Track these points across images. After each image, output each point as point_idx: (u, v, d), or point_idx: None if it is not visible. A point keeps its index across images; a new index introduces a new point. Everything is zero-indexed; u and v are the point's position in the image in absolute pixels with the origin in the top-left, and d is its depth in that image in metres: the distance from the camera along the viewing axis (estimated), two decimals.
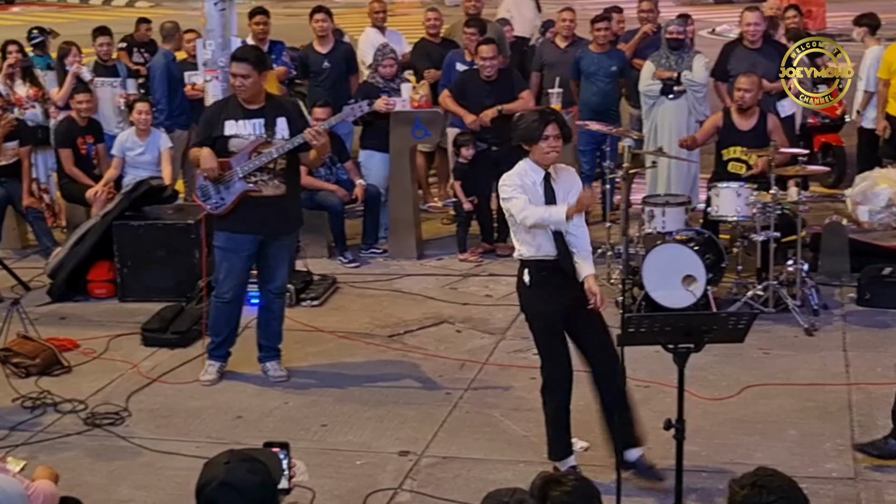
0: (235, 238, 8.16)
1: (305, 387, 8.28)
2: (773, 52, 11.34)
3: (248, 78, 7.97)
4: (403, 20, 22.73)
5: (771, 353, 8.67)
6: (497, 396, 8.03)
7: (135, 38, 13.72)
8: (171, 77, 12.19)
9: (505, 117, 10.78)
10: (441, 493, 6.72)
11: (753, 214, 9.41)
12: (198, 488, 3.60)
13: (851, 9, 16.23)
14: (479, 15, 12.80)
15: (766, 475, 3.37)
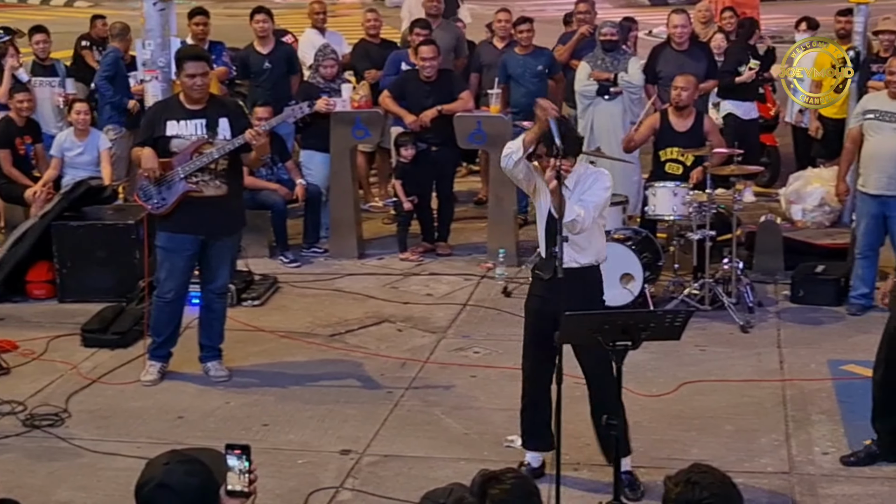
0: (177, 238, 8.11)
1: (247, 386, 8.24)
2: (700, 53, 11.47)
3: (206, 76, 7.97)
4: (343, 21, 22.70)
5: (707, 350, 8.75)
6: (438, 395, 8.04)
7: (92, 36, 13.64)
8: (119, 75, 12.13)
9: (445, 118, 10.83)
10: (382, 492, 6.72)
11: (689, 213, 9.49)
12: (136, 488, 3.57)
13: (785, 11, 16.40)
14: (440, 15, 12.81)
15: (700, 472, 3.40)
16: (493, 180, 11.12)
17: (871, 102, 9.33)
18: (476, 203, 12.68)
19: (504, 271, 10.34)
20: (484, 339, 9.07)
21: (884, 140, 9.02)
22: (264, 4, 12.76)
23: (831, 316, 9.39)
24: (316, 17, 13.00)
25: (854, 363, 8.32)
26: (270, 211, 10.94)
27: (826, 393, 7.96)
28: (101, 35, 13.68)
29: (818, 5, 26.48)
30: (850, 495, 6.60)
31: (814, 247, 10.60)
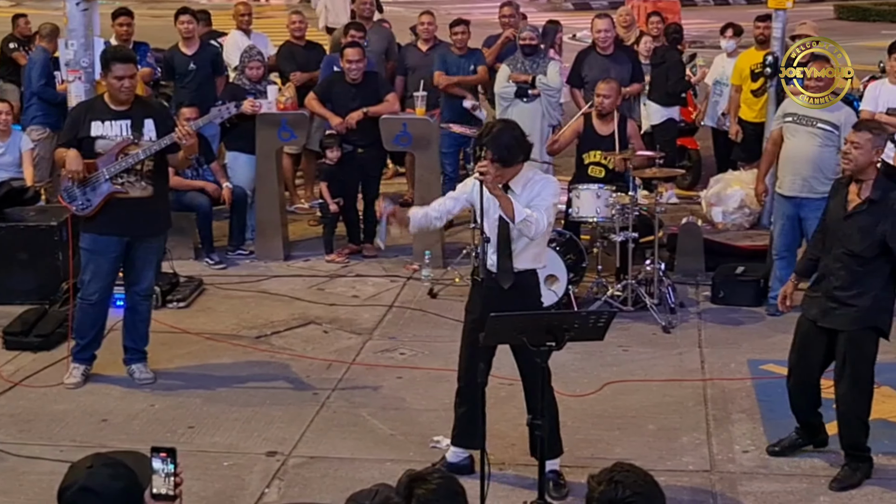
0: (102, 240, 8.02)
1: (172, 389, 8.17)
2: (624, 57, 11.58)
3: (133, 78, 7.89)
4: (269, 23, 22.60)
5: (630, 351, 8.83)
6: (364, 396, 8.03)
7: (17, 36, 13.45)
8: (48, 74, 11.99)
9: (371, 120, 10.83)
10: (308, 493, 6.69)
11: (612, 216, 9.58)
12: (59, 492, 3.52)
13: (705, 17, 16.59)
14: (371, 17, 12.83)
15: (622, 470, 3.43)
16: (419, 182, 11.13)
17: (791, 106, 9.46)
18: (402, 205, 12.67)
19: (430, 273, 10.36)
20: (410, 341, 9.08)
21: (800, 143, 9.16)
22: (189, 5, 12.67)
23: (751, 316, 9.51)
24: (241, 18, 12.95)
25: (773, 363, 8.41)
26: (196, 213, 10.85)
27: (746, 392, 8.07)
28: (24, 34, 13.49)
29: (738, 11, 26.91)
30: (769, 492, 6.70)
31: (734, 248, 10.75)
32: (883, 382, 8.07)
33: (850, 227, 6.64)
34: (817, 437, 7.07)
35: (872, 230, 6.58)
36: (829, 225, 6.82)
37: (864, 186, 6.66)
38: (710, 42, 16.65)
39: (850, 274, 6.65)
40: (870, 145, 6.61)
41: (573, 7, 32.18)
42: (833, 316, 6.72)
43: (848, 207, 6.69)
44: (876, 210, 6.59)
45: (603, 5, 30.63)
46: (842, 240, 6.67)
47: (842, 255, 6.66)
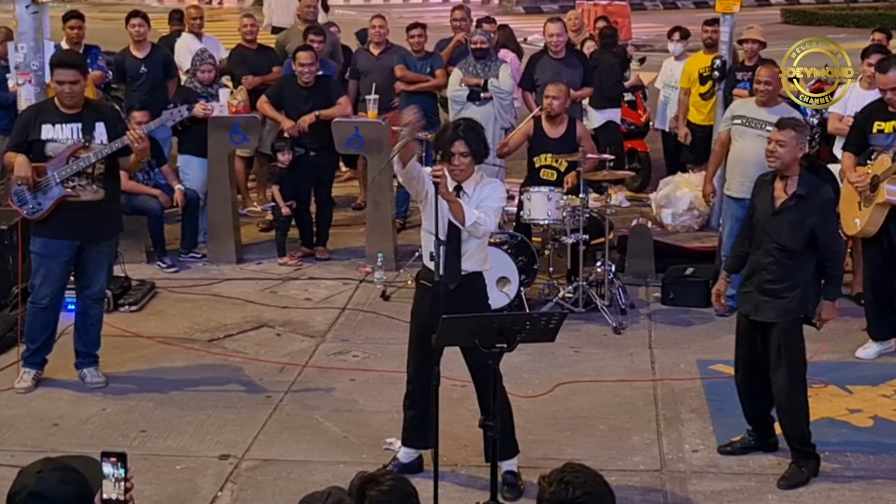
0: (53, 243, 7.95)
1: (124, 393, 8.11)
2: (575, 61, 11.63)
3: (76, 84, 7.81)
4: (222, 26, 22.50)
5: (581, 352, 8.86)
6: (317, 398, 8.01)
7: None
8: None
9: (323, 123, 10.81)
10: (261, 496, 6.67)
11: (563, 218, 9.61)
12: (7, 497, 3.48)
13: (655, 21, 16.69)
14: (316, 20, 12.81)
15: (573, 471, 3.44)
16: (371, 186, 11.12)
17: (739, 108, 9.53)
18: (354, 208, 12.67)
19: (382, 275, 10.35)
20: (363, 343, 9.07)
21: (748, 145, 9.21)
22: (140, 9, 12.60)
23: (700, 317, 9.57)
24: (192, 21, 12.91)
25: (722, 363, 8.48)
26: (147, 216, 10.79)
27: (695, 392, 8.12)
28: None
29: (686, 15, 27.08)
30: (718, 491, 6.74)
31: (683, 250, 10.82)
32: (830, 381, 8.19)
33: (780, 222, 6.79)
34: (768, 441, 7.12)
35: (802, 224, 6.74)
36: (758, 221, 6.94)
37: (789, 182, 6.82)
38: (659, 46, 16.75)
39: (781, 267, 6.79)
40: (794, 142, 6.76)
41: (524, 11, 32.28)
42: (766, 309, 6.84)
43: (776, 204, 6.83)
44: (804, 204, 6.76)
45: (554, 9, 30.74)
46: (771, 235, 6.81)
47: (773, 249, 6.81)
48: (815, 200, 6.79)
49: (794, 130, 6.80)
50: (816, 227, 6.74)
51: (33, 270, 8.09)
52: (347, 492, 3.16)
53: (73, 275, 8.20)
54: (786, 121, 7.03)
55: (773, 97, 9.30)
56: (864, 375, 8.36)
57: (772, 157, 6.82)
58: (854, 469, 6.99)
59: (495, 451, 6.10)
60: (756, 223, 6.97)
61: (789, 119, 7.19)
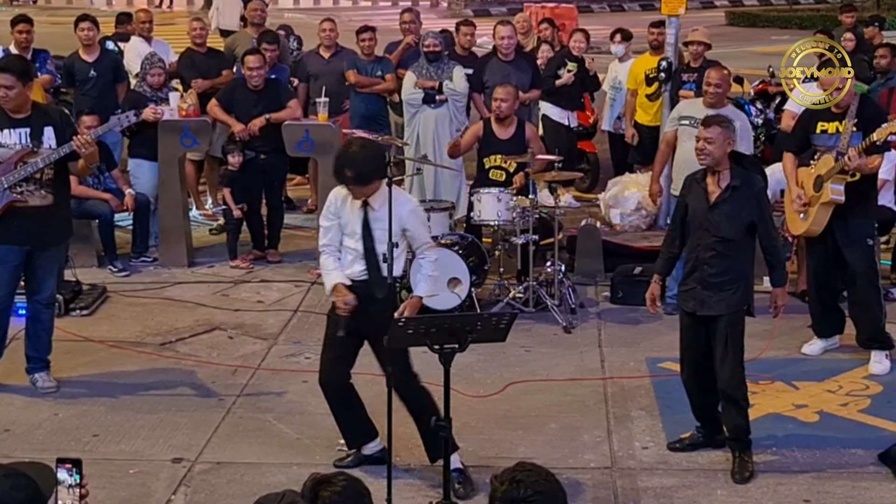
0: (1, 249, 7.85)
1: (76, 397, 8.04)
2: (524, 64, 11.66)
3: (11, 89, 7.69)
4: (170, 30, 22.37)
5: (532, 351, 8.88)
6: (270, 401, 7.98)
7: None
8: None
9: (273, 126, 10.77)
10: (215, 499, 6.65)
11: (513, 219, 9.64)
12: None
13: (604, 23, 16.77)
14: (264, 23, 12.78)
15: (524, 470, 3.45)
16: (322, 188, 11.07)
17: (686, 109, 9.60)
18: (306, 211, 12.64)
19: None
20: (315, 345, 8.99)
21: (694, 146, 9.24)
22: (90, 13, 12.50)
23: (649, 316, 9.50)
24: (142, 25, 12.85)
25: (671, 360, 8.50)
26: (98, 220, 10.71)
27: (645, 389, 8.17)
28: None
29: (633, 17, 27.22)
30: (668, 486, 6.79)
31: (631, 249, 10.86)
32: (776, 378, 8.27)
33: (718, 215, 6.87)
34: (717, 437, 7.17)
35: (739, 214, 6.86)
36: (694, 218, 7.01)
37: (721, 177, 6.93)
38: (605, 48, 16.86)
39: (723, 259, 6.89)
40: (722, 138, 6.87)
41: (472, 14, 32.32)
42: (711, 304, 6.91)
43: (710, 199, 6.92)
44: (739, 196, 6.88)
45: (502, 12, 30.82)
46: (710, 229, 6.90)
47: (713, 243, 6.90)
48: (749, 191, 6.91)
49: (720, 127, 6.91)
50: (755, 216, 6.87)
51: None
52: (301, 493, 3.16)
53: (23, 280, 8.13)
54: (711, 118, 7.11)
55: (720, 99, 9.38)
56: (809, 371, 8.44)
57: (702, 154, 6.93)
58: (801, 464, 7.05)
59: (447, 451, 6.10)
60: (691, 220, 7.04)
61: (713, 116, 7.27)
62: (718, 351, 6.90)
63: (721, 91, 9.35)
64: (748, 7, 35.43)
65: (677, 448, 7.21)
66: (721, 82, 9.33)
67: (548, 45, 13.13)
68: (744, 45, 25.14)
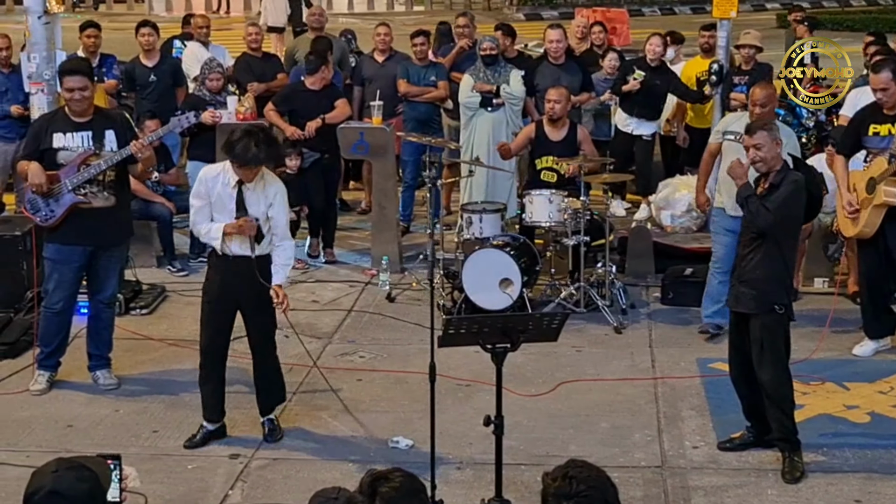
0: (65, 249, 7.97)
1: (136, 394, 8.13)
2: (574, 67, 11.63)
3: (84, 90, 7.82)
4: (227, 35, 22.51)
5: (583, 351, 8.86)
6: (325, 398, 8.01)
7: None
8: None
9: (330, 127, 10.81)
10: (271, 494, 6.69)
11: (565, 220, 9.62)
12: (25, 497, 3.50)
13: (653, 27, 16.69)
14: (322, 28, 12.86)
15: (576, 467, 3.46)
16: (376, 189, 11.14)
17: (732, 124, 9.01)
18: (360, 212, 12.68)
19: (387, 278, 10.35)
20: (369, 344, 9.08)
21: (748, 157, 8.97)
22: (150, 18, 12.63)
23: (699, 316, 9.54)
24: (199, 30, 12.94)
25: (721, 361, 8.42)
26: (157, 222, 10.81)
27: (695, 389, 8.12)
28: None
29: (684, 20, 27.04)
30: (718, 486, 6.75)
31: (682, 251, 10.81)
32: (827, 379, 8.20)
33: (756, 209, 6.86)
34: (767, 436, 7.10)
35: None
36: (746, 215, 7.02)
37: (771, 176, 6.92)
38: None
39: (756, 254, 6.88)
40: (769, 140, 6.82)
41: (524, 18, 32.28)
42: (743, 300, 6.92)
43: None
44: (775, 191, 6.86)
45: (554, 16, 30.76)
46: (749, 224, 6.94)
47: (749, 239, 6.93)
48: (783, 187, 6.85)
49: (764, 129, 6.86)
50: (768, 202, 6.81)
51: (46, 276, 8.11)
52: (359, 489, 3.18)
53: (85, 279, 8.23)
54: (753, 125, 7.04)
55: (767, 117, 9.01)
56: (860, 372, 8.36)
57: (756, 163, 6.88)
58: (851, 464, 6.99)
59: (500, 448, 6.09)
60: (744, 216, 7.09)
61: (756, 123, 7.21)
62: (755, 352, 6.87)
63: (766, 111, 8.51)
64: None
65: (727, 447, 7.17)
66: (766, 102, 8.51)
67: (615, 54, 12.95)
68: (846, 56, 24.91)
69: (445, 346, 6.14)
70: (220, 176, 7.10)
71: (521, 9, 34.65)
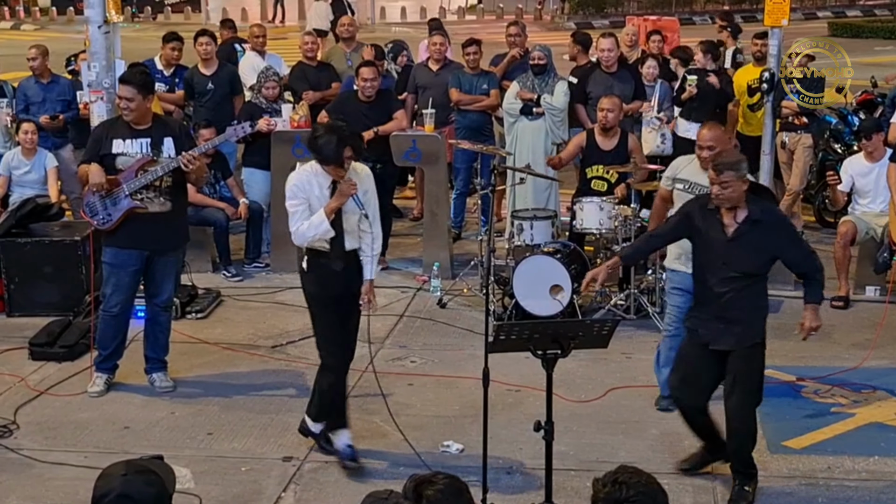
0: (122, 253, 8.05)
1: (191, 397, 8.18)
2: (627, 75, 11.58)
3: (132, 101, 7.87)
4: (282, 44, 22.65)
5: (633, 357, 8.81)
6: (376, 402, 7.99)
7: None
8: None
9: (382, 136, 10.83)
10: (323, 497, 6.71)
11: (615, 227, 9.58)
12: (94, 500, 3.52)
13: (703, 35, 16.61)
14: (353, 38, 12.94)
15: (626, 472, 3.44)
16: (428, 196, 11.15)
17: (682, 170, 7.95)
18: (412, 219, 12.70)
19: (439, 284, 10.36)
20: (420, 349, 9.08)
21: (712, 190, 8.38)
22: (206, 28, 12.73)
23: None
24: (255, 40, 13.02)
25: (772, 368, 8.40)
26: (213, 227, 10.89)
27: None
28: None
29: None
30: (769, 493, 6.67)
31: None
32: (877, 387, 8.11)
33: (739, 249, 6.42)
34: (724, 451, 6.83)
35: (764, 248, 6.45)
36: (710, 249, 6.51)
37: (738, 210, 6.45)
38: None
39: (741, 293, 6.47)
40: (736, 178, 6.36)
41: (575, 27, 32.22)
42: (728, 336, 6.49)
43: (728, 231, 6.46)
44: (762, 228, 6.43)
45: (604, 24, 30.69)
46: (729, 263, 6.44)
47: (731, 278, 6.45)
48: (774, 223, 6.51)
49: (732, 169, 6.38)
50: (783, 246, 6.50)
51: (104, 280, 8.18)
52: (403, 494, 3.17)
53: (142, 284, 8.29)
54: (720, 164, 6.44)
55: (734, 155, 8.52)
56: None
57: (719, 199, 6.42)
58: None
59: (550, 453, 6.07)
60: (705, 250, 6.55)
61: (722, 162, 6.47)
62: (727, 382, 6.58)
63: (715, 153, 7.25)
64: (851, 18, 34.80)
65: (686, 469, 6.90)
66: (714, 143, 7.52)
67: (654, 60, 12.87)
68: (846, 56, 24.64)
69: (496, 351, 6.13)
70: (312, 178, 6.88)
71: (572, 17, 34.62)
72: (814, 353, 8.80)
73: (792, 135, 11.86)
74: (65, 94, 11.86)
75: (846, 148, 12.33)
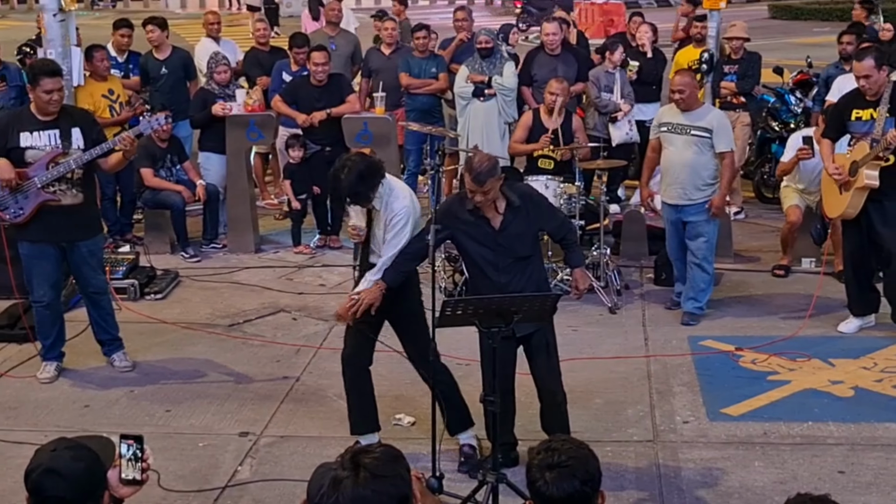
0: (37, 246, 7.82)
1: (150, 375, 8.16)
2: (570, 58, 11.61)
3: (62, 91, 7.70)
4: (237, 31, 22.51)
5: (579, 331, 8.87)
6: (330, 378, 8.00)
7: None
8: None
9: (334, 120, 10.83)
10: (279, 470, 6.71)
11: (561, 205, 9.61)
12: (25, 475, 3.51)
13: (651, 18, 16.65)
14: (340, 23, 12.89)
15: (558, 440, 3.53)
16: None
17: (665, 115, 9.00)
18: None
19: None
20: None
21: (677, 151, 8.88)
22: (163, 15, 12.62)
23: None
24: (210, 27, 12.94)
25: (711, 339, 8.55)
26: (170, 210, 10.83)
27: (686, 367, 8.13)
28: None
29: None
30: (707, 458, 6.75)
31: None
32: (813, 355, 8.21)
33: (509, 237, 6.37)
34: (512, 454, 6.78)
35: (529, 228, 6.43)
36: (484, 245, 6.40)
37: (497, 201, 6.33)
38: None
39: (519, 276, 6.46)
40: (495, 181, 6.22)
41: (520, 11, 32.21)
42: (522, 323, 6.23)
43: (495, 224, 6.37)
44: (522, 211, 6.37)
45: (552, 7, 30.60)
46: (504, 253, 6.39)
47: (510, 264, 6.42)
48: (528, 202, 6.42)
49: (491, 175, 6.19)
50: (544, 221, 6.53)
51: (25, 273, 7.99)
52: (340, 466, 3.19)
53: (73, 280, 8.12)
54: (480, 176, 6.17)
55: (690, 103, 8.81)
56: (845, 349, 8.36)
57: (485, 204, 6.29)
58: (836, 437, 6.99)
59: (495, 425, 6.10)
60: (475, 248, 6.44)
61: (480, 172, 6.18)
62: (540, 362, 6.62)
63: (686, 96, 8.69)
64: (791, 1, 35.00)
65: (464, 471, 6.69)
66: (684, 87, 8.67)
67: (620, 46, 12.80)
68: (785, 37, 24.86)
69: (443, 326, 6.13)
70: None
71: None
72: (751, 323, 8.91)
73: (731, 113, 11.92)
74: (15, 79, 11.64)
75: (783, 125, 12.43)
